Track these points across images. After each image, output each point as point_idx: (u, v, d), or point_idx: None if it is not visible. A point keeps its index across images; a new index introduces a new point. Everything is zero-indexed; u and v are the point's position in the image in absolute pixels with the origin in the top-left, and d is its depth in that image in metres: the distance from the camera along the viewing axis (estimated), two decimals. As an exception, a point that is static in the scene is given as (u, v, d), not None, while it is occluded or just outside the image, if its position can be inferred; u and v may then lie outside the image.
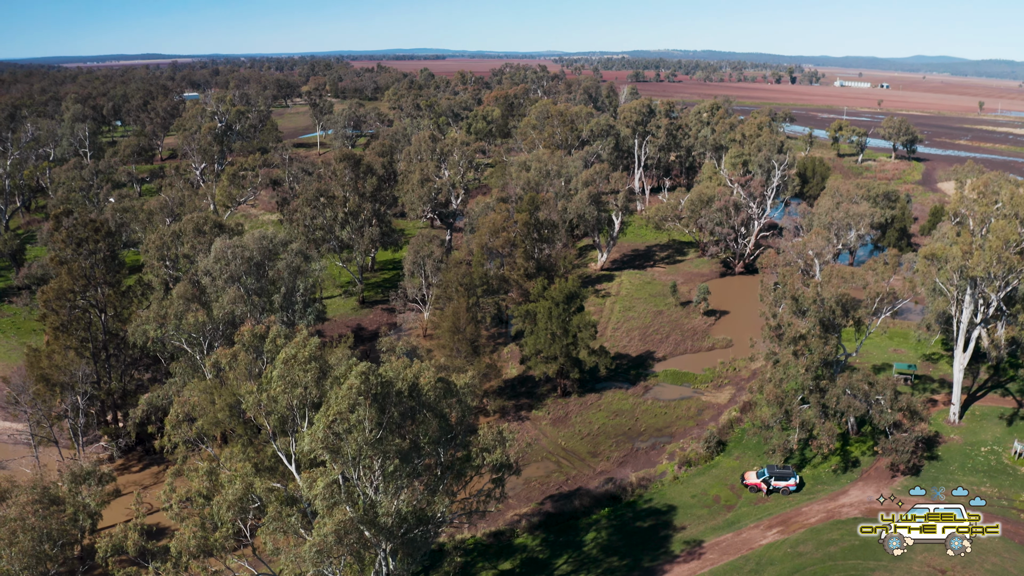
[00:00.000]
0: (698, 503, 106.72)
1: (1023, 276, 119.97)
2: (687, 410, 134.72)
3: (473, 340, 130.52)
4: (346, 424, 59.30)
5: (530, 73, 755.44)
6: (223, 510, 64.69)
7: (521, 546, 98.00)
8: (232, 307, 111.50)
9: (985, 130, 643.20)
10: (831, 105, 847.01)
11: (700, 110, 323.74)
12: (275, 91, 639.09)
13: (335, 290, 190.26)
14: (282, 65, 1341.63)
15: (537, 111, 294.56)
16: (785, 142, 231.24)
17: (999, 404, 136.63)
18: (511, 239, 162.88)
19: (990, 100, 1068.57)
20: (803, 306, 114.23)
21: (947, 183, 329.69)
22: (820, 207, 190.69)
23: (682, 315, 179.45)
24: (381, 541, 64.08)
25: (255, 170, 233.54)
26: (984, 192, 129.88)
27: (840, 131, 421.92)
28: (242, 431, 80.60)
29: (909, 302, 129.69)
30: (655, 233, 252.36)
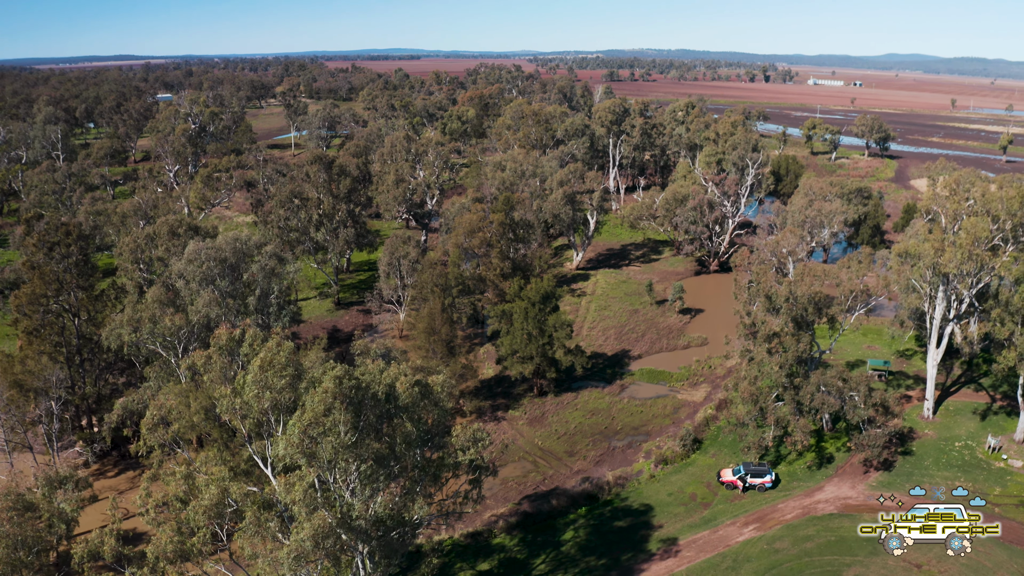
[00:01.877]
0: (675, 501, 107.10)
1: (995, 272, 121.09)
2: (663, 408, 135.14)
3: (449, 341, 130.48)
4: (321, 428, 59.21)
5: (505, 73, 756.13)
6: (200, 515, 64.44)
7: (499, 546, 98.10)
8: (207, 310, 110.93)
9: (957, 127, 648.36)
10: (805, 103, 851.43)
11: (674, 109, 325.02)
12: (249, 92, 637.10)
13: (310, 292, 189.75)
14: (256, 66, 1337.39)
15: (512, 111, 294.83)
16: (759, 141, 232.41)
17: (972, 399, 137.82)
18: (487, 239, 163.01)
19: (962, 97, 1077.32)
20: (777, 304, 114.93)
21: (920, 180, 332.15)
22: (793, 205, 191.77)
23: (657, 314, 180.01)
24: (358, 544, 64.03)
25: (229, 172, 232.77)
26: (956, 189, 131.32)
27: (814, 129, 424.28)
28: (218, 434, 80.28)
29: (882, 299, 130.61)
30: (630, 232, 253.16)
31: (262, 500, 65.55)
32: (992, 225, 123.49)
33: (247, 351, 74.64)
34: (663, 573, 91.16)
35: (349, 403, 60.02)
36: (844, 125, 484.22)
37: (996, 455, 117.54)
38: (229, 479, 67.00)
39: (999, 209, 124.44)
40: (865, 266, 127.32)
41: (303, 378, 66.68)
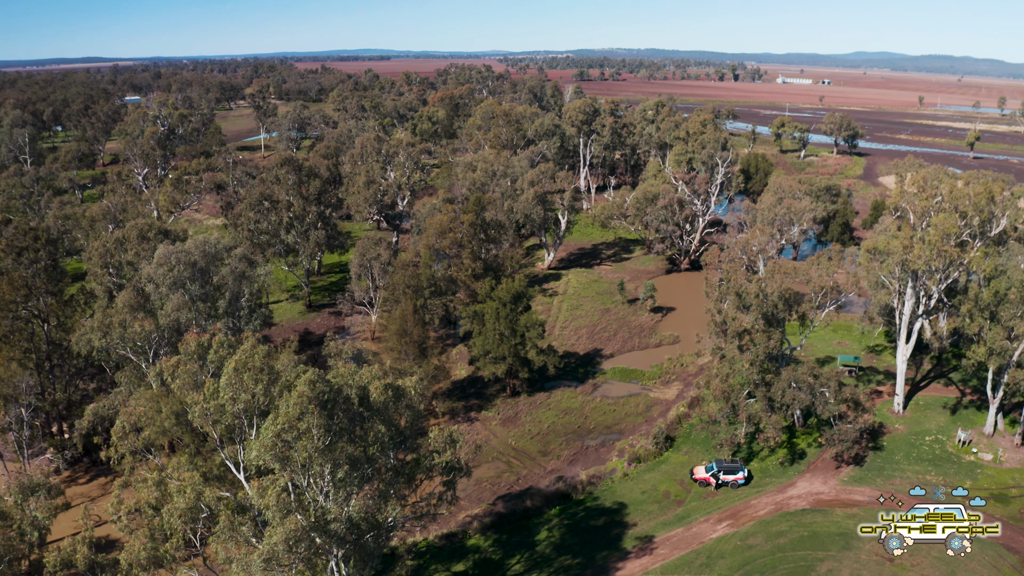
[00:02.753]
0: (648, 499, 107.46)
1: (963, 268, 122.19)
2: (636, 407, 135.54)
3: (421, 342, 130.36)
4: (295, 432, 59.04)
5: (475, 73, 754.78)
6: (173, 520, 64.18)
7: (474, 547, 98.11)
8: (177, 314, 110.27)
9: (925, 124, 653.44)
10: (774, 102, 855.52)
11: (645, 108, 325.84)
12: (218, 94, 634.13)
13: (281, 294, 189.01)
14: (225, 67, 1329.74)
15: (482, 111, 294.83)
16: (729, 139, 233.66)
17: (942, 393, 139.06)
18: (458, 240, 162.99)
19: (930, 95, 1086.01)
20: (747, 301, 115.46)
21: (888, 177, 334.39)
22: (763, 203, 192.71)
23: (629, 312, 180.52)
24: (332, 547, 63.88)
25: (199, 174, 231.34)
26: (924, 186, 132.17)
27: (783, 127, 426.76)
28: (189, 440, 79.95)
29: (852, 296, 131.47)
30: (601, 231, 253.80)
31: (235, 505, 65.32)
32: (960, 221, 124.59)
33: (214, 358, 74.22)
34: (638, 571, 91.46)
35: (322, 406, 59.86)
36: (813, 123, 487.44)
37: (966, 449, 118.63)
38: (201, 484, 66.70)
39: (967, 205, 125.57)
40: (835, 263, 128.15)
41: (276, 382, 66.45)
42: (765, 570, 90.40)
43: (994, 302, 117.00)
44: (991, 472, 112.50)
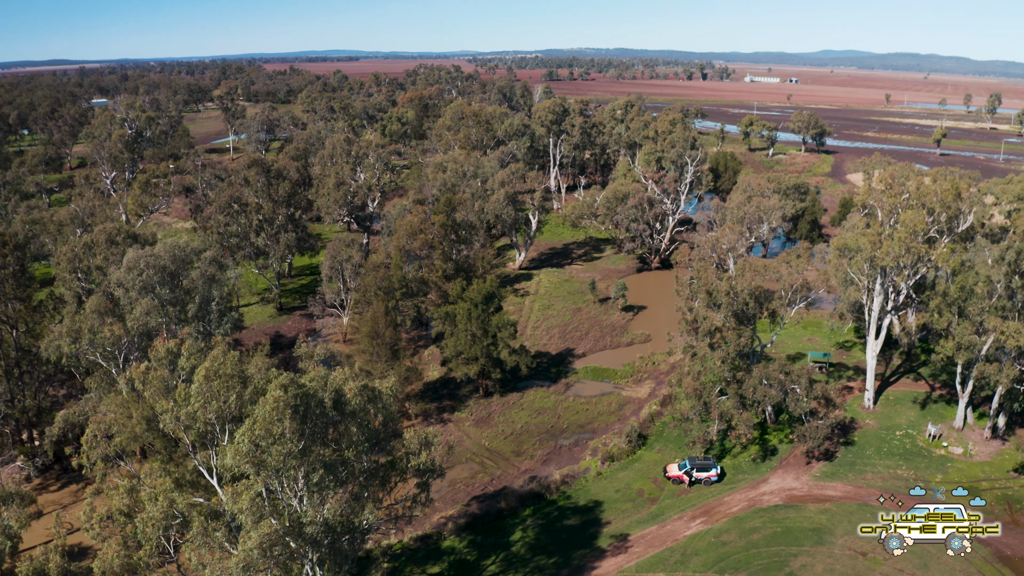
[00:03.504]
0: (622, 497, 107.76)
1: (931, 264, 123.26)
2: (608, 406, 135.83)
3: (393, 344, 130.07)
4: (270, 437, 58.78)
5: (444, 74, 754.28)
6: (147, 528, 63.75)
7: (449, 549, 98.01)
8: (146, 318, 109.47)
9: (892, 122, 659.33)
10: (742, 100, 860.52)
11: (614, 108, 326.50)
12: (186, 96, 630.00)
13: (252, 297, 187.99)
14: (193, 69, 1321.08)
15: (452, 112, 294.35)
16: (697, 138, 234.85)
17: (912, 388, 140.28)
18: (429, 241, 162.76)
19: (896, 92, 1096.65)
20: (718, 299, 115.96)
21: (856, 175, 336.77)
22: (732, 201, 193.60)
23: (601, 312, 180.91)
24: (308, 551, 63.67)
25: (167, 177, 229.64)
26: (891, 183, 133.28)
27: (751, 126, 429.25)
28: (161, 445, 79.37)
29: (822, 292, 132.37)
30: (572, 231, 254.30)
31: (209, 510, 64.96)
32: (928, 218, 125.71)
33: (185, 364, 73.79)
34: (613, 569, 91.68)
35: (294, 411, 59.63)
36: (781, 121, 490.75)
37: (936, 443, 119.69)
38: (174, 490, 66.28)
39: (934, 202, 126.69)
40: (804, 260, 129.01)
41: (248, 386, 66.12)
42: (739, 566, 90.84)
43: (961, 297, 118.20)
44: (962, 466, 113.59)
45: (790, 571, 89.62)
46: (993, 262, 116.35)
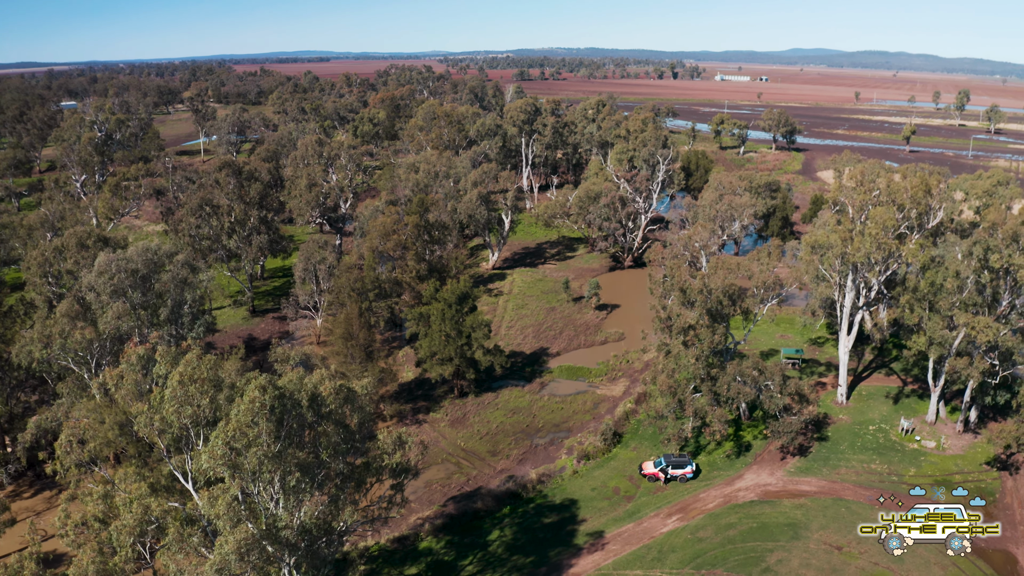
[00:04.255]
0: (599, 495, 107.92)
1: (902, 260, 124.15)
2: (583, 404, 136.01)
3: (367, 345, 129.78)
4: (245, 439, 58.50)
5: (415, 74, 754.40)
6: (122, 534, 63.32)
7: (426, 550, 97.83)
8: (118, 322, 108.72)
9: (861, 119, 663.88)
10: (713, 99, 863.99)
11: (585, 107, 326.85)
12: (156, 98, 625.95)
13: (224, 300, 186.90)
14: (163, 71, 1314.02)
15: (424, 112, 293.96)
16: (669, 137, 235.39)
17: (884, 383, 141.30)
18: (402, 242, 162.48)
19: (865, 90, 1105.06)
20: (691, 297, 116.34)
21: (826, 172, 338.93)
22: (704, 199, 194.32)
23: (574, 311, 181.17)
24: (285, 555, 63.41)
25: (138, 180, 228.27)
26: (862, 180, 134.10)
27: (722, 124, 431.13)
28: (135, 451, 78.88)
29: (794, 289, 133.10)
30: (545, 231, 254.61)
31: (184, 515, 64.61)
32: (898, 214, 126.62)
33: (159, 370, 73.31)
34: (590, 567, 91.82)
35: (271, 412, 59.40)
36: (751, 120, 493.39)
37: (909, 437, 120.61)
38: (149, 496, 65.88)
39: (904, 198, 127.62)
40: (776, 258, 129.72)
41: (222, 389, 65.80)
42: (716, 562, 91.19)
43: (932, 292, 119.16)
44: (934, 459, 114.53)
45: (766, 566, 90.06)
46: (963, 257, 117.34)
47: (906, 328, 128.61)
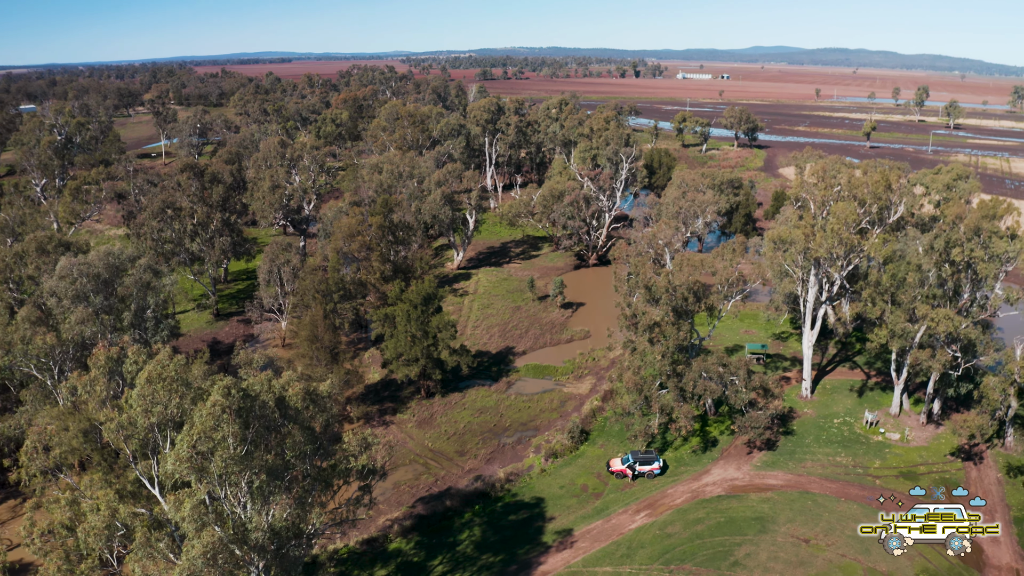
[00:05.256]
0: (567, 493, 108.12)
1: (864, 254, 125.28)
2: (550, 403, 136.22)
3: (332, 347, 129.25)
4: (211, 442, 58.11)
5: (378, 74, 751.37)
6: (88, 540, 62.73)
7: (395, 551, 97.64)
8: (81, 327, 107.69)
9: (822, 116, 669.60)
10: (675, 97, 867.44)
11: (548, 106, 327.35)
12: (116, 100, 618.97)
13: (188, 304, 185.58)
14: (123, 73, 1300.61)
15: (387, 112, 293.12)
16: (631, 135, 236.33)
17: (848, 377, 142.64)
18: (366, 243, 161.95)
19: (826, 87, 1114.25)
20: (656, 294, 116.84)
21: (788, 168, 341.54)
22: (667, 197, 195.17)
23: (540, 309, 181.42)
24: (254, 559, 63.05)
25: (99, 184, 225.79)
26: (823, 176, 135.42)
27: (684, 122, 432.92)
28: (99, 458, 78.12)
29: (757, 285, 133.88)
30: (509, 230, 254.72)
31: (152, 520, 64.11)
32: (859, 209, 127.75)
33: (131, 368, 72.72)
34: (560, 565, 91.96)
35: (237, 415, 59.06)
36: (713, 117, 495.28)
37: (874, 429, 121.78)
38: (116, 501, 65.29)
39: (865, 193, 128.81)
40: (739, 254, 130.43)
41: (189, 392, 65.35)
42: (685, 557, 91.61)
43: (894, 286, 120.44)
44: (899, 451, 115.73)
45: (735, 560, 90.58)
46: (924, 251, 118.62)
47: (869, 322, 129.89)
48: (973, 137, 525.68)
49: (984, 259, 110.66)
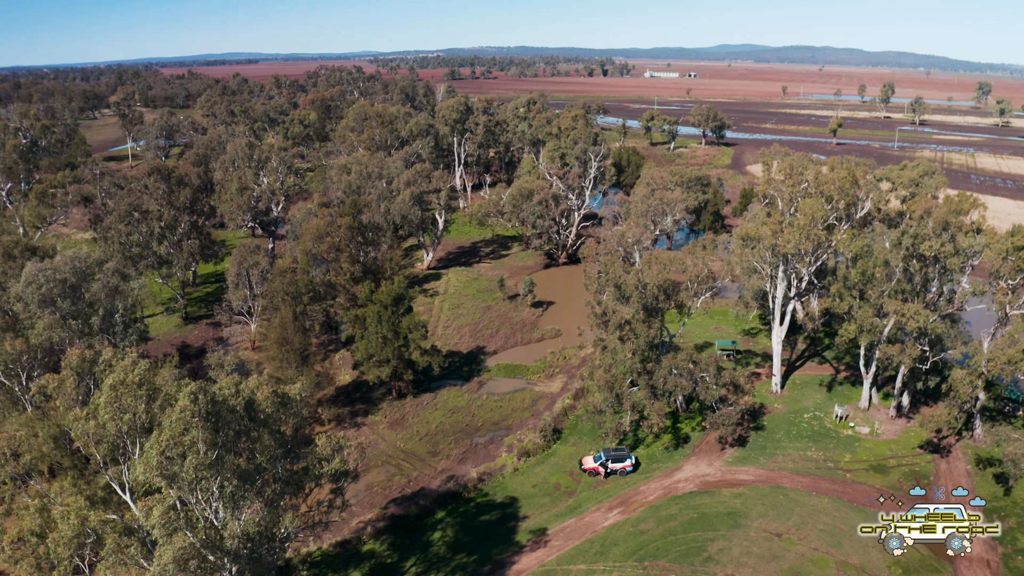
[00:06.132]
0: (540, 492, 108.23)
1: (831, 250, 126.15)
2: (522, 402, 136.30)
3: (302, 349, 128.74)
4: (180, 448, 57.72)
5: (346, 75, 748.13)
6: (59, 547, 62.18)
7: (369, 553, 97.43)
8: (49, 333, 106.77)
9: (789, 113, 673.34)
10: (642, 96, 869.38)
11: (516, 106, 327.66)
12: (82, 103, 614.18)
13: (157, 307, 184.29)
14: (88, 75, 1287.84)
15: (355, 113, 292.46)
16: (600, 134, 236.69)
17: (818, 372, 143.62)
18: (335, 244, 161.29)
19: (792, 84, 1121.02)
20: (626, 292, 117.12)
21: (755, 166, 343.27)
22: (636, 195, 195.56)
23: (510, 308, 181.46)
24: (226, 563, 62.69)
25: (65, 187, 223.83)
26: (790, 173, 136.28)
27: (652, 121, 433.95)
28: (69, 463, 77.50)
29: (727, 282, 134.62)
30: (479, 229, 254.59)
31: (123, 527, 63.62)
32: (826, 205, 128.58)
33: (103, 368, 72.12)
34: (534, 564, 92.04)
35: (206, 419, 58.70)
36: (681, 115, 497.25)
37: (843, 423, 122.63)
38: (86, 508, 64.76)
39: (832, 190, 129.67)
40: (708, 251, 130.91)
41: (157, 397, 64.91)
42: (658, 554, 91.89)
43: (862, 281, 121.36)
44: (869, 444, 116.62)
45: (708, 556, 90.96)
46: (891, 246, 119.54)
47: (837, 317, 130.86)
48: (938, 133, 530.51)
49: (952, 253, 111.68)
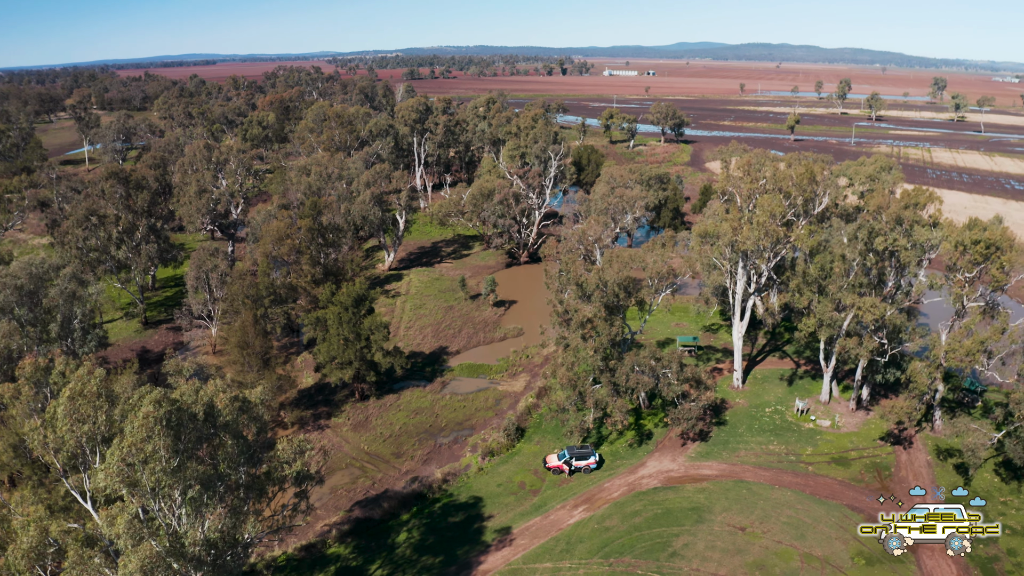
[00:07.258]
0: (505, 491, 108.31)
1: (790, 245, 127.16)
2: (485, 401, 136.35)
3: (264, 353, 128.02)
4: (142, 455, 57.24)
5: (304, 75, 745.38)
6: (18, 559, 61.43)
7: (334, 556, 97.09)
8: (7, 341, 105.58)
9: (747, 110, 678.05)
10: (601, 94, 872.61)
11: (476, 105, 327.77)
12: (37, 106, 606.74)
13: (116, 313, 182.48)
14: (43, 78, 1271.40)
15: (314, 113, 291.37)
16: (559, 132, 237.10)
17: (778, 366, 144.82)
18: (296, 246, 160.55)
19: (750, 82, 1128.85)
20: (587, 291, 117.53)
21: (714, 163, 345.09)
22: (596, 193, 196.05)
23: (472, 308, 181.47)
24: (191, 571, 62.21)
25: (21, 192, 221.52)
26: (748, 170, 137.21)
27: (611, 119, 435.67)
28: (30, 472, 76.63)
29: (687, 278, 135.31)
30: (440, 229, 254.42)
31: (85, 536, 62.96)
32: (785, 201, 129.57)
33: (56, 379, 71.38)
34: (500, 563, 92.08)
35: (167, 426, 58.23)
36: (640, 113, 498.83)
37: (805, 417, 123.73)
38: (47, 518, 64.01)
39: (790, 186, 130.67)
40: (669, 248, 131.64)
41: (117, 405, 64.30)
42: (623, 550, 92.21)
43: (820, 276, 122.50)
44: (830, 437, 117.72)
45: (673, 551, 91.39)
46: (848, 241, 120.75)
47: (797, 312, 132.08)
48: (895, 128, 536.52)
49: (907, 247, 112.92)
